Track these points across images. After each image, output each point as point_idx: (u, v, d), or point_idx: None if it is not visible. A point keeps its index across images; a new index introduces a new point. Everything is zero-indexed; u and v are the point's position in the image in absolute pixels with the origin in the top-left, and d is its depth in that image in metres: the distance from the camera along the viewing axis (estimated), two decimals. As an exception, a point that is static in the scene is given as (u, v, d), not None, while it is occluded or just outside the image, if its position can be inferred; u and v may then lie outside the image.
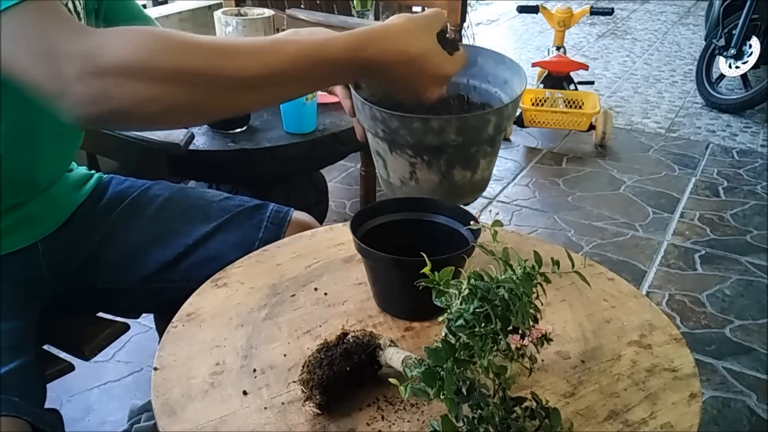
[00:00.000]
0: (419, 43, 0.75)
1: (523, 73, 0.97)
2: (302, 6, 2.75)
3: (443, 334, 0.59)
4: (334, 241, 0.97)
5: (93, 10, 1.00)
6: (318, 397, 0.64)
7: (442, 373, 0.55)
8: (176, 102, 0.66)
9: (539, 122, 3.16)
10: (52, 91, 0.64)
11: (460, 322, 0.56)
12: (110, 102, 0.64)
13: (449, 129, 0.87)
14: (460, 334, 0.56)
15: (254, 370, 0.71)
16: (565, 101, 3.24)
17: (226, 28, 1.61)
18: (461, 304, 0.58)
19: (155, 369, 0.71)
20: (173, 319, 0.79)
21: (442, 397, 0.55)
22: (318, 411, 0.64)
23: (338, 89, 0.93)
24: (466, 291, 0.58)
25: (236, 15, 1.64)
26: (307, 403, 0.65)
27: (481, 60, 1.04)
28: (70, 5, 0.93)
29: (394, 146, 0.92)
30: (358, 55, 0.71)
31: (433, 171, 0.91)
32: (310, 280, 0.88)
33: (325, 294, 0.85)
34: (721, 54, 3.67)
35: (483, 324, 0.56)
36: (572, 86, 3.31)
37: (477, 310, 0.56)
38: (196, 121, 0.67)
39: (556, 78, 3.28)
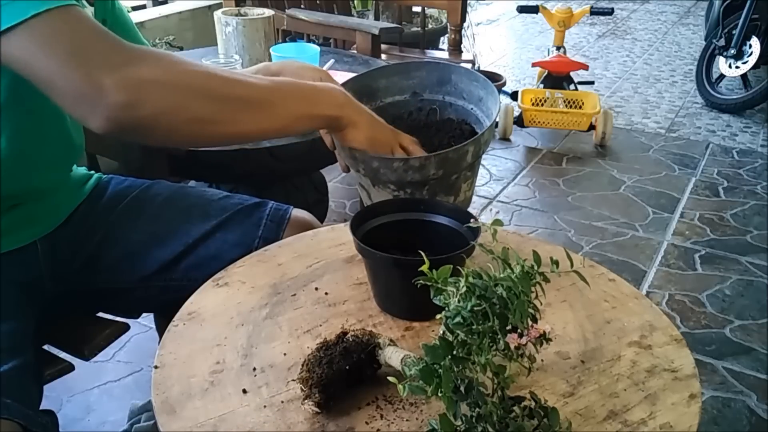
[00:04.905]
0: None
1: (497, 93, 0.98)
2: (302, 6, 2.75)
3: (441, 332, 0.59)
4: (335, 241, 0.97)
5: (101, 22, 1.01)
6: (317, 395, 0.64)
7: (439, 370, 0.55)
8: (197, 114, 0.75)
9: (539, 122, 3.16)
10: (85, 96, 0.69)
11: (458, 319, 0.57)
12: (142, 109, 0.71)
13: (429, 165, 0.88)
14: (458, 331, 0.56)
15: (254, 369, 0.72)
16: (565, 101, 3.24)
17: (225, 28, 1.61)
18: (459, 302, 0.58)
19: (156, 367, 0.72)
20: (174, 318, 0.80)
21: (439, 395, 0.55)
22: (317, 409, 0.64)
23: None
24: (464, 289, 0.58)
25: (236, 15, 1.64)
26: (306, 401, 0.65)
27: (455, 77, 1.04)
28: None
29: (377, 182, 0.92)
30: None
31: None
32: (311, 279, 0.88)
33: (326, 294, 0.85)
34: (721, 54, 3.67)
35: (481, 322, 0.56)
36: (572, 86, 3.31)
37: (475, 308, 0.56)
38: (211, 139, 0.82)
39: (556, 78, 3.28)
